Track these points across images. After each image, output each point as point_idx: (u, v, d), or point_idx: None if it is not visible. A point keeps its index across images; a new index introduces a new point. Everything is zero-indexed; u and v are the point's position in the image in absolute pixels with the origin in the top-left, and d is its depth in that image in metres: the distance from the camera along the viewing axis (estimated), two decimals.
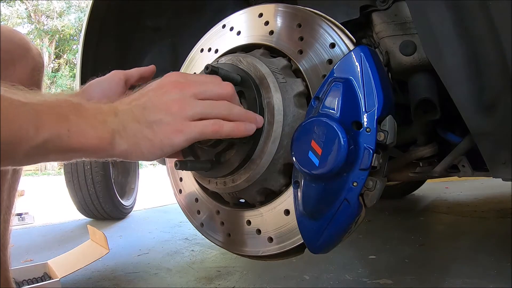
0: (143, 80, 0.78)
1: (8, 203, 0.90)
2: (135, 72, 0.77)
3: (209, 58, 0.81)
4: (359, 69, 0.57)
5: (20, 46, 0.81)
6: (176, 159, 0.65)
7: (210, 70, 0.61)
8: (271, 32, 0.72)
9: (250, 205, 0.73)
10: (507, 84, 0.58)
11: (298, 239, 0.64)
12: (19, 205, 0.99)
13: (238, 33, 0.78)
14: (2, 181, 0.86)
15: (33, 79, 0.84)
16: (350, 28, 0.66)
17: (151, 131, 0.52)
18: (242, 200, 0.76)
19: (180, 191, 0.84)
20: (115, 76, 0.75)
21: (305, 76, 0.67)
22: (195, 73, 0.73)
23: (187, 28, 1.15)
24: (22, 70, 0.81)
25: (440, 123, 0.98)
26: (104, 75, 0.74)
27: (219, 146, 0.66)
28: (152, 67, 0.79)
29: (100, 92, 0.70)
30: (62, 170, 2.92)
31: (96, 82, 0.73)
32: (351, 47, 0.63)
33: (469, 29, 0.59)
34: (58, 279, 1.33)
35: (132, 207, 3.15)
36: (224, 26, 0.81)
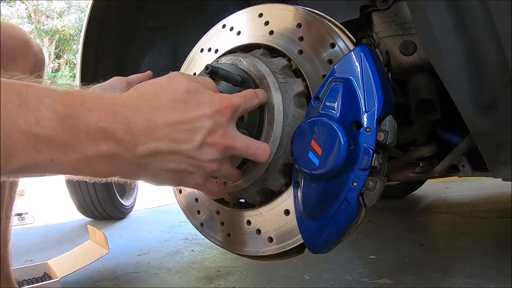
0: None
1: (9, 199, 0.90)
2: (135, 78, 0.76)
3: (209, 58, 0.81)
4: (359, 69, 0.57)
5: (21, 42, 0.81)
6: None
7: (210, 70, 0.62)
8: (271, 32, 0.72)
9: (250, 205, 0.73)
10: (507, 84, 0.58)
11: (298, 239, 0.64)
12: (19, 205, 0.99)
13: (238, 33, 0.78)
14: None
15: (34, 75, 0.84)
16: (350, 28, 0.66)
17: (175, 176, 0.50)
18: (242, 200, 0.76)
19: (180, 191, 0.84)
20: (117, 82, 0.74)
21: (305, 76, 0.67)
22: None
23: (187, 28, 1.15)
24: (23, 66, 0.81)
25: (440, 123, 0.98)
26: (104, 80, 0.74)
27: None
28: (149, 74, 0.79)
29: None
30: None
31: (97, 88, 0.70)
32: (351, 47, 0.63)
33: (469, 29, 0.59)
34: (58, 279, 1.33)
35: (132, 207, 3.15)
36: (224, 26, 0.81)
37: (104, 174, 0.44)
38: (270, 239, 0.67)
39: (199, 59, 0.85)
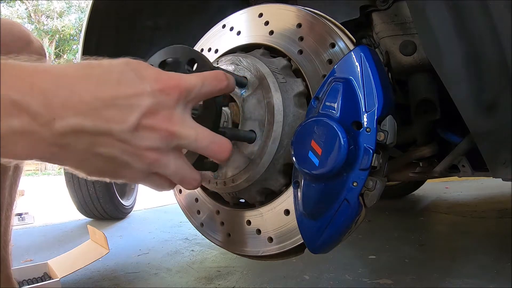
0: None
1: (9, 200, 0.90)
2: None
3: (209, 58, 0.81)
4: (359, 69, 0.57)
5: (20, 39, 0.80)
6: None
7: None
8: (271, 32, 0.72)
9: (250, 205, 0.73)
10: (507, 84, 0.58)
11: (298, 239, 0.64)
12: (19, 205, 0.99)
13: (238, 33, 0.78)
14: (3, 178, 0.85)
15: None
16: (350, 28, 0.66)
17: (106, 165, 0.41)
18: (242, 200, 0.76)
19: (180, 191, 0.84)
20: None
21: (305, 76, 0.67)
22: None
23: (187, 28, 1.14)
24: None
25: (440, 123, 0.98)
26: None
27: None
28: None
29: None
30: (62, 170, 2.93)
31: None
32: (351, 47, 0.63)
33: (469, 29, 0.59)
34: (58, 279, 1.33)
35: (132, 207, 3.15)
36: (224, 26, 0.81)
37: (19, 155, 0.37)
38: (270, 239, 0.68)
39: None
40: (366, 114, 0.55)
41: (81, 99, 0.37)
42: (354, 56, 0.58)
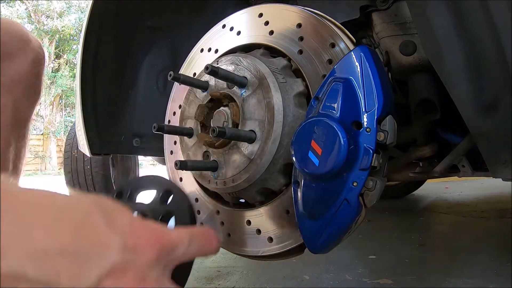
0: None
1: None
2: None
3: (209, 58, 0.81)
4: (359, 69, 0.57)
5: (18, 38, 0.80)
6: (176, 159, 0.65)
7: (210, 70, 0.62)
8: (271, 32, 0.72)
9: (250, 205, 0.73)
10: (507, 84, 0.58)
11: (298, 239, 0.64)
12: None
13: (238, 33, 0.78)
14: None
15: (33, 71, 0.84)
16: (350, 28, 0.66)
17: None
18: (242, 200, 0.76)
19: None
20: None
21: (305, 76, 0.67)
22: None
23: (187, 28, 1.14)
24: (21, 62, 0.80)
25: (440, 123, 0.98)
26: None
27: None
28: None
29: None
30: (62, 170, 2.93)
31: None
32: (351, 47, 0.63)
33: (469, 29, 0.59)
34: None
35: None
36: (224, 26, 0.81)
37: None
38: (270, 239, 0.68)
39: (199, 59, 0.85)
40: (366, 114, 0.55)
41: (31, 238, 0.30)
42: (354, 56, 0.58)
